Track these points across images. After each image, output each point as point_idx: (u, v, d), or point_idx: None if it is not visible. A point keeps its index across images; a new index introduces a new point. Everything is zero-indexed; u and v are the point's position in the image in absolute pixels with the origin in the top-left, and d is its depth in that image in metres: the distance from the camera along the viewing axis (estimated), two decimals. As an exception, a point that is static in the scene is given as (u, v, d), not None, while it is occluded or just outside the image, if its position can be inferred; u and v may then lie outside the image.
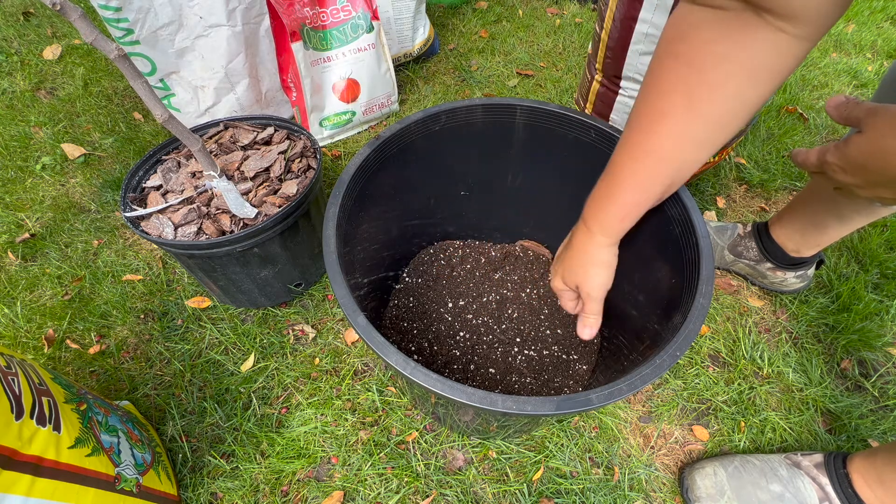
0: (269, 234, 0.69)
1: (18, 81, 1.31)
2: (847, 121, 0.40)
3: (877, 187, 0.38)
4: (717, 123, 0.41)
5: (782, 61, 0.37)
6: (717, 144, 0.43)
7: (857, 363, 0.80)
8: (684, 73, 0.40)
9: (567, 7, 1.64)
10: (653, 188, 0.46)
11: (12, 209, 1.01)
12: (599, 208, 0.50)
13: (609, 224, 0.49)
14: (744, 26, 0.36)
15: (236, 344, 0.80)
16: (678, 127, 0.42)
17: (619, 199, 0.48)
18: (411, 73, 1.35)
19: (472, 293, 0.79)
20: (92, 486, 0.48)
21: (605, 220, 0.49)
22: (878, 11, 1.65)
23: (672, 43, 0.41)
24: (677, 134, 0.43)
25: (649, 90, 0.44)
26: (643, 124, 0.45)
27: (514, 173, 0.72)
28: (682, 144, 0.43)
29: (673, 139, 0.43)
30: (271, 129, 0.82)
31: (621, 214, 0.48)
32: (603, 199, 0.49)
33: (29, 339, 0.81)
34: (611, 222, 0.49)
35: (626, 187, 0.47)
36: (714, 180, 1.08)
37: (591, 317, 0.55)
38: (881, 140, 0.35)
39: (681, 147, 0.44)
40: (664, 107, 0.42)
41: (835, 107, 0.41)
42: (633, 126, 0.46)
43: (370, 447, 0.69)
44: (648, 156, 0.45)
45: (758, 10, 0.35)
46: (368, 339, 0.41)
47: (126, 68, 0.51)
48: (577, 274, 0.53)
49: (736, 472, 0.63)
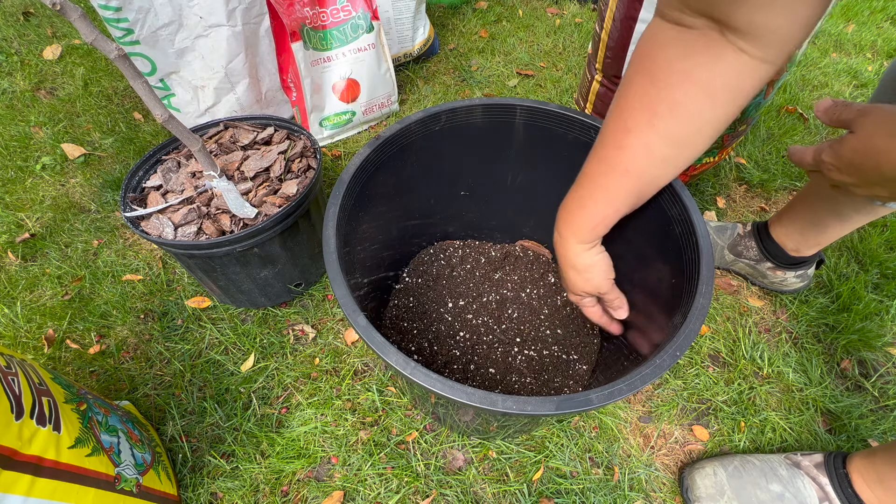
0: (269, 234, 0.69)
1: (18, 81, 1.31)
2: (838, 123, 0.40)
3: (872, 186, 0.38)
4: (678, 142, 0.42)
5: (742, 83, 0.38)
6: (682, 162, 0.44)
7: (857, 363, 0.80)
8: (648, 89, 0.41)
9: (567, 7, 1.64)
10: (621, 200, 0.48)
11: (12, 209, 1.01)
12: (572, 219, 0.51)
13: (582, 233, 0.51)
14: (707, 46, 0.37)
15: (236, 344, 0.80)
16: (642, 143, 0.43)
17: (589, 209, 0.49)
18: (411, 73, 1.35)
19: (472, 293, 0.79)
20: (92, 486, 0.48)
21: (578, 229, 0.51)
22: (878, 11, 1.65)
23: (640, 59, 0.42)
24: (641, 150, 0.43)
25: (617, 104, 0.45)
26: (611, 139, 0.45)
27: (514, 173, 0.72)
28: (646, 160, 0.44)
29: (637, 155, 0.44)
30: (271, 129, 0.82)
31: (592, 224, 0.50)
32: (575, 210, 0.51)
33: (29, 339, 0.81)
34: (583, 231, 0.50)
35: (596, 199, 0.48)
36: (714, 180, 1.08)
37: (616, 301, 0.56)
38: (871, 140, 0.36)
39: (645, 163, 0.44)
40: (629, 123, 0.43)
41: (823, 111, 0.41)
42: (603, 140, 0.47)
43: (370, 447, 0.69)
44: (615, 170, 0.46)
45: (722, 30, 0.36)
46: (368, 339, 0.41)
47: (126, 68, 0.51)
48: (577, 283, 0.55)
49: (736, 471, 0.63)
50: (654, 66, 0.41)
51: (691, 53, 0.38)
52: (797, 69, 1.39)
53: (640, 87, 0.42)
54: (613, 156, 0.45)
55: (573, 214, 0.51)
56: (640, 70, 0.42)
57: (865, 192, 0.40)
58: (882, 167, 0.36)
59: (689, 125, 0.41)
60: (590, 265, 0.53)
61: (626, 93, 0.44)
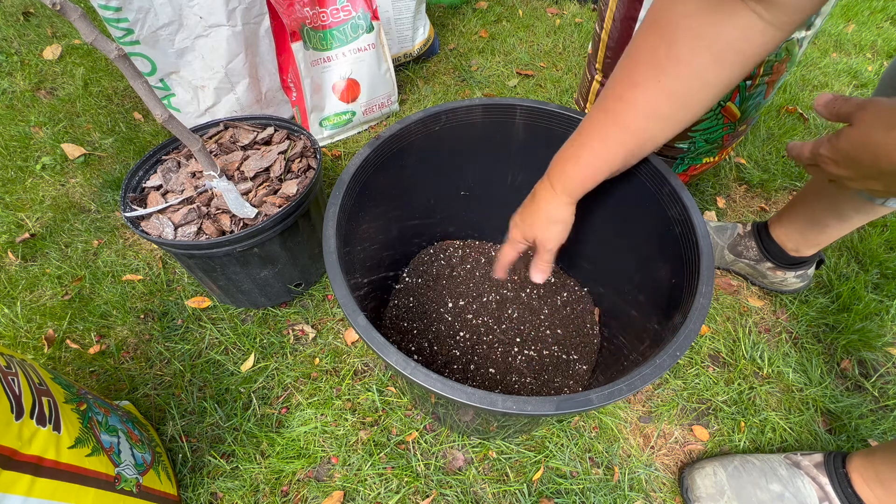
0: (269, 234, 0.69)
1: (18, 81, 1.31)
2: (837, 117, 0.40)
3: (867, 179, 0.38)
4: (680, 101, 0.43)
5: (749, 46, 0.38)
6: (680, 124, 0.45)
7: (857, 363, 0.80)
8: (657, 45, 0.42)
9: (567, 7, 1.64)
10: (614, 154, 0.48)
11: (12, 209, 1.01)
12: (564, 169, 0.52)
13: (571, 185, 0.51)
14: (721, 3, 0.37)
15: (236, 344, 0.80)
16: (645, 99, 0.44)
17: (582, 160, 0.50)
18: (411, 73, 1.35)
19: (472, 293, 0.79)
20: (92, 486, 0.48)
21: (568, 180, 0.51)
22: (878, 11, 1.65)
23: (652, 14, 0.43)
24: (643, 105, 0.44)
25: (626, 58, 0.45)
26: (616, 92, 0.46)
27: (514, 173, 0.72)
28: (647, 117, 0.45)
29: (639, 110, 0.44)
30: (271, 129, 0.82)
31: (582, 177, 0.50)
32: (569, 161, 0.51)
33: (29, 339, 0.81)
34: (572, 183, 0.51)
35: (592, 150, 0.49)
36: (714, 180, 1.08)
37: (546, 265, 0.58)
38: (869, 132, 0.36)
39: (645, 119, 0.45)
40: (636, 77, 0.44)
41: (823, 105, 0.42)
42: (607, 92, 0.47)
43: (370, 447, 0.69)
44: (616, 123, 0.47)
45: None
46: (368, 339, 0.41)
47: (126, 68, 0.51)
48: (536, 228, 0.56)
49: (736, 471, 0.63)
50: (664, 22, 0.41)
51: (704, 10, 0.38)
52: (797, 69, 1.39)
53: (649, 42, 0.43)
54: (616, 108, 0.46)
55: (565, 166, 0.52)
56: (650, 25, 0.43)
57: (860, 186, 0.40)
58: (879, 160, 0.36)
59: (691, 84, 0.41)
60: (561, 219, 0.54)
61: (636, 47, 0.44)
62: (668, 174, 0.53)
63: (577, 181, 0.51)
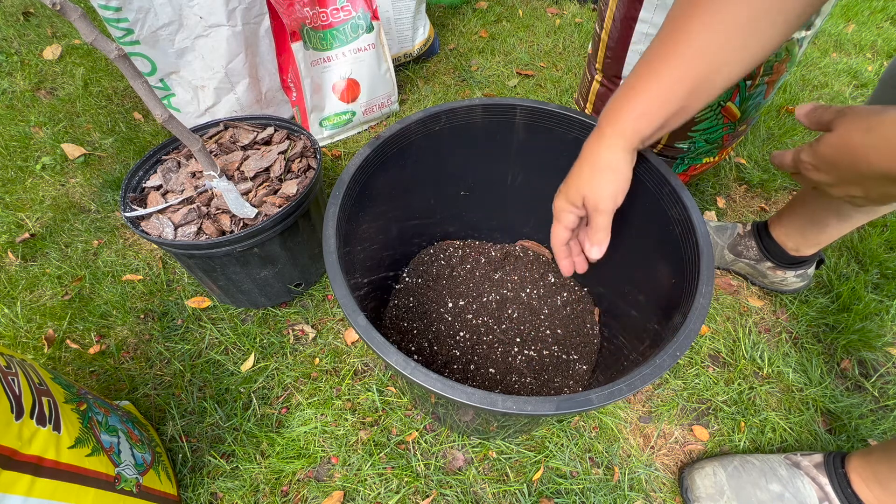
0: (269, 234, 0.69)
1: (18, 81, 1.31)
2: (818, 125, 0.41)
3: (847, 185, 0.39)
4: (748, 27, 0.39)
5: None
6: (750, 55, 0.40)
7: (857, 363, 0.80)
8: None
9: (567, 7, 1.64)
10: (672, 92, 0.42)
11: (12, 209, 1.01)
12: (615, 109, 0.45)
13: (623, 124, 0.45)
14: None
15: (236, 344, 0.80)
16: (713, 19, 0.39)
17: (639, 96, 0.44)
18: (411, 73, 1.35)
19: (472, 293, 0.79)
20: (92, 486, 0.48)
21: (619, 120, 0.45)
22: (878, 11, 1.65)
23: None
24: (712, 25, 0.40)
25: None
26: (679, 15, 0.41)
27: (514, 173, 0.72)
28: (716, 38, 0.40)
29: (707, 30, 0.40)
30: (271, 129, 0.82)
31: (637, 114, 0.44)
32: (620, 100, 0.45)
33: (29, 339, 0.81)
34: (625, 121, 0.44)
35: (647, 85, 0.43)
36: (714, 180, 1.08)
37: (602, 232, 0.48)
38: (848, 137, 0.37)
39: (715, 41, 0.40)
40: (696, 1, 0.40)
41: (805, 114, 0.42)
42: (662, 29, 0.43)
43: (370, 447, 0.69)
44: (675, 51, 0.41)
45: None
46: (368, 339, 0.41)
47: (126, 68, 0.51)
48: (582, 183, 0.48)
49: (735, 472, 0.63)
50: None
51: None
52: (797, 69, 1.39)
53: None
54: (676, 37, 0.41)
55: (617, 105, 0.45)
56: None
57: (841, 192, 0.40)
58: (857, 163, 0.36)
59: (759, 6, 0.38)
60: (613, 166, 0.46)
61: None
62: (668, 174, 0.53)
63: (631, 118, 0.44)
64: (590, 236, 0.50)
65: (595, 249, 0.50)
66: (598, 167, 0.47)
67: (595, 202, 0.47)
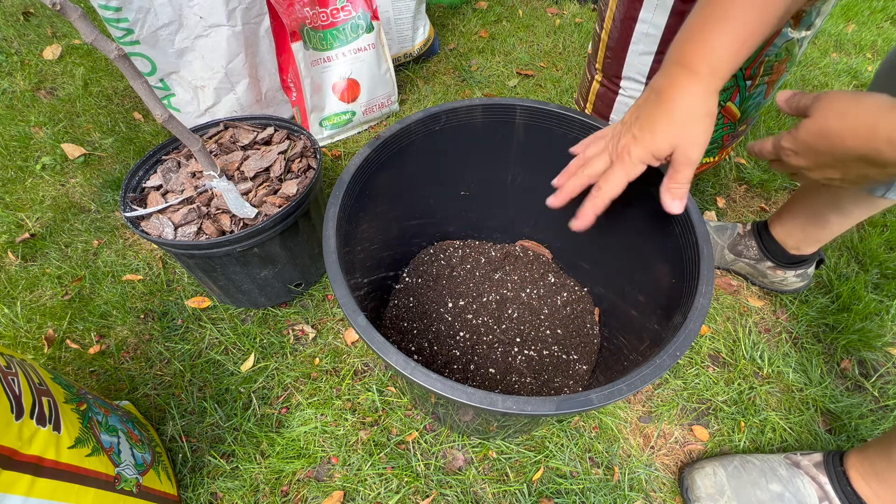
0: (269, 234, 0.69)
1: (18, 81, 1.31)
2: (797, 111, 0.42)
3: (825, 168, 0.40)
4: None
5: None
6: None
7: (857, 363, 0.80)
8: None
9: (567, 7, 1.64)
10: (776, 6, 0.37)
11: (12, 209, 1.01)
12: (705, 41, 0.39)
13: (720, 61, 0.39)
14: None
15: (236, 344, 0.80)
16: None
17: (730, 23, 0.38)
18: (411, 73, 1.35)
19: (472, 293, 0.79)
20: (92, 486, 0.48)
21: (715, 55, 0.39)
22: (878, 11, 1.65)
23: None
24: None
25: None
26: None
27: (514, 173, 0.72)
28: None
29: None
30: (271, 129, 0.82)
31: (737, 45, 0.38)
32: (708, 29, 0.39)
33: (29, 339, 0.81)
34: (723, 56, 0.39)
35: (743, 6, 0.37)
36: (714, 180, 1.08)
37: (686, 185, 0.44)
38: (824, 121, 0.38)
39: None
40: None
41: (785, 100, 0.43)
42: None
43: (370, 447, 0.69)
44: None
45: None
46: (368, 339, 0.41)
47: (126, 68, 0.51)
48: (676, 133, 0.42)
49: (736, 471, 0.63)
50: None
51: None
52: (797, 69, 1.39)
53: None
54: None
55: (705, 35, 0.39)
56: None
57: (819, 176, 0.41)
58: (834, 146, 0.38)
59: None
60: (711, 112, 0.41)
61: None
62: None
63: (730, 52, 0.39)
64: (671, 189, 0.45)
65: (677, 203, 0.45)
66: (694, 114, 0.41)
67: (687, 154, 0.42)
